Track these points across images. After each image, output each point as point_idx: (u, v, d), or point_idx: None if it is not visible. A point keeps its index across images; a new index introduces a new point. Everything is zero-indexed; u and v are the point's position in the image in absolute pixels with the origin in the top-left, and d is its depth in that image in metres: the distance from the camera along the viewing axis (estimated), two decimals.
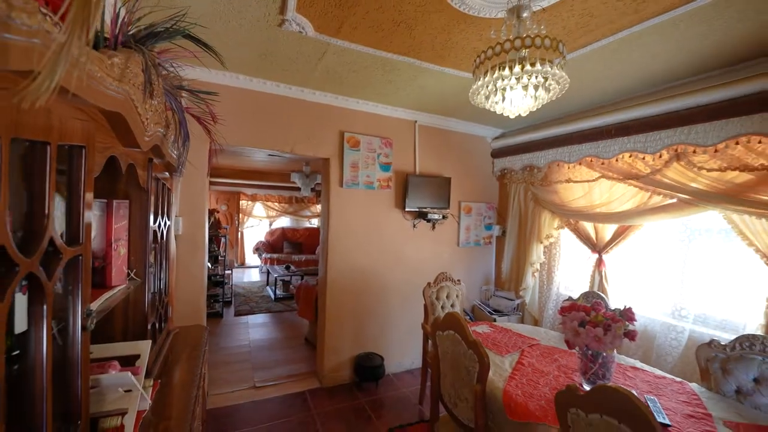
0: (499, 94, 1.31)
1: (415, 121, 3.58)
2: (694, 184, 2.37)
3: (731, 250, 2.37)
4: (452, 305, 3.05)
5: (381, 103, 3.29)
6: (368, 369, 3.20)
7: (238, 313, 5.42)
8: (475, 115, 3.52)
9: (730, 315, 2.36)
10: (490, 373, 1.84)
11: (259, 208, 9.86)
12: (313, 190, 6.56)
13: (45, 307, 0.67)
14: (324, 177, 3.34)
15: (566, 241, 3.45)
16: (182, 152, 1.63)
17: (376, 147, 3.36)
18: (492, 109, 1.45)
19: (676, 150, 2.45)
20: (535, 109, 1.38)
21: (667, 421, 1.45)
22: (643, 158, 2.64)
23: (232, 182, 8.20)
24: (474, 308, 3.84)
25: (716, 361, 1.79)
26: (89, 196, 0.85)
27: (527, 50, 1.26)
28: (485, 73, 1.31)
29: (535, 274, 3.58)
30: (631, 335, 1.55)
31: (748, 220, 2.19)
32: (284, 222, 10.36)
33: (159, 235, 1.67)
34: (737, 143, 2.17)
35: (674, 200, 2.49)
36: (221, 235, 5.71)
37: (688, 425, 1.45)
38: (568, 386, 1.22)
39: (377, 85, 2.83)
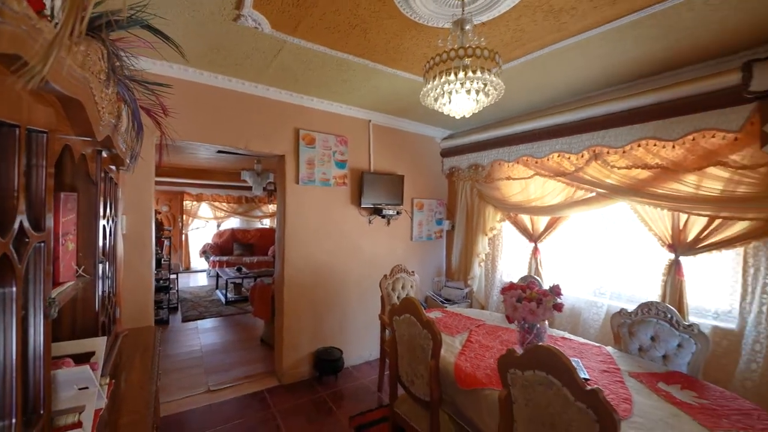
0: (446, 96, 1.48)
1: (370, 121, 3.71)
2: (608, 180, 2.78)
3: (636, 236, 2.81)
4: (407, 296, 3.22)
5: (336, 101, 3.37)
6: (328, 363, 3.26)
7: (186, 319, 5.13)
8: (426, 116, 3.74)
9: (637, 290, 2.80)
10: (443, 351, 2.02)
11: (205, 209, 9.34)
12: (265, 189, 6.39)
13: (15, 290, 0.68)
14: (279, 174, 3.33)
15: (507, 233, 3.80)
16: (135, 145, 1.58)
17: (332, 145, 3.42)
18: (440, 110, 1.61)
19: (594, 151, 2.85)
20: (476, 111, 1.57)
21: (587, 376, 1.72)
22: (569, 158, 3.02)
23: (174, 181, 7.68)
24: (427, 298, 4.07)
25: (624, 326, 2.15)
26: (51, 182, 0.84)
27: (470, 59, 1.44)
28: (434, 78, 1.47)
29: (481, 263, 3.89)
30: (558, 307, 1.82)
31: (648, 209, 2.62)
32: (233, 223, 9.92)
33: (107, 231, 1.60)
34: (639, 146, 2.60)
35: (594, 194, 2.89)
36: (164, 237, 5.36)
37: (602, 378, 1.74)
38: (508, 350, 1.42)
39: (333, 84, 2.90)
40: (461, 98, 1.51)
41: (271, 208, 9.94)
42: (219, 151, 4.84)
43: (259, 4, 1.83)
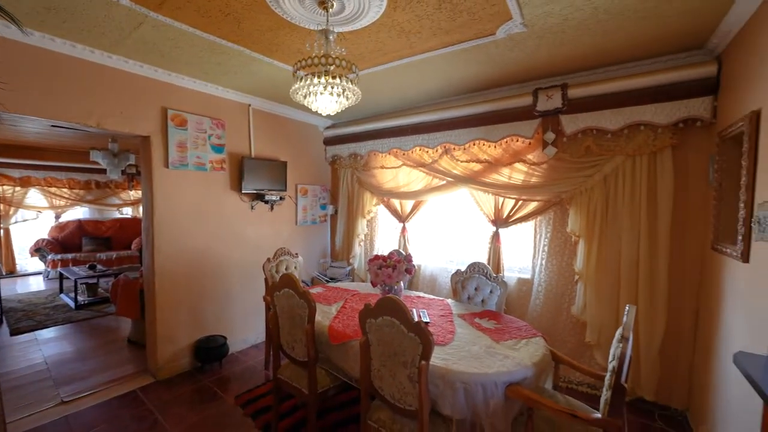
0: (312, 95, 1.72)
1: (249, 105, 3.67)
2: (455, 171, 3.49)
3: (473, 214, 3.61)
4: (285, 272, 3.42)
5: (212, 82, 3.24)
6: (210, 350, 3.23)
7: (16, 332, 4.19)
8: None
9: (473, 256, 3.62)
10: (320, 317, 2.33)
11: (36, 197, 7.46)
12: (124, 172, 5.53)
13: None
14: (144, 157, 3.05)
15: (382, 215, 4.34)
16: None
17: (207, 127, 3.30)
18: (309, 107, 1.85)
19: (445, 147, 3.52)
20: (339, 110, 1.86)
21: (428, 320, 2.27)
22: (428, 151, 3.65)
23: None
24: (313, 279, 4.33)
25: (459, 282, 2.84)
26: None
27: (332, 66, 1.71)
28: (301, 79, 1.69)
29: (361, 243, 4.35)
30: (409, 270, 2.32)
31: (480, 194, 3.41)
32: (81, 213, 8.22)
33: None
34: (474, 144, 3.34)
35: (445, 182, 3.58)
36: None
37: (439, 320, 2.32)
38: (365, 305, 1.79)
39: (206, 65, 2.81)
40: (326, 98, 1.78)
41: (132, 194, 8.57)
42: (54, 125, 4.02)
43: None
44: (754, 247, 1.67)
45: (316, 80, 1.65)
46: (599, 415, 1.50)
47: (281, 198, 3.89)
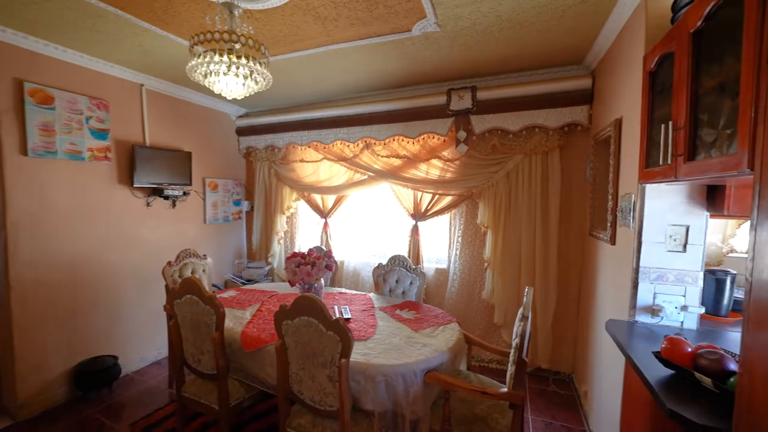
0: (214, 75, 1.53)
1: (142, 85, 3.17)
2: (376, 166, 3.50)
3: (394, 209, 3.68)
4: (186, 277, 3.06)
5: (89, 54, 2.70)
6: (96, 374, 2.71)
7: None
8: None
9: (395, 249, 3.70)
10: (231, 323, 2.12)
11: None
12: None
13: None
14: None
15: (303, 211, 4.16)
16: None
17: (84, 108, 2.74)
18: (211, 88, 1.64)
19: (366, 141, 3.51)
20: (247, 94, 1.69)
21: (349, 316, 2.24)
22: (349, 146, 3.60)
23: None
24: (227, 282, 3.96)
25: (380, 276, 2.87)
26: None
27: (238, 45, 1.54)
28: (200, 55, 1.49)
29: (281, 241, 4.11)
30: (329, 267, 2.24)
31: (400, 189, 3.49)
32: None
33: None
34: (394, 140, 3.39)
35: (366, 177, 3.58)
36: None
37: (361, 315, 2.30)
38: (280, 306, 1.67)
39: (79, 31, 2.32)
40: (231, 80, 1.59)
41: None
42: None
43: None
44: (619, 231, 2.01)
45: (217, 58, 1.46)
46: (506, 389, 1.64)
47: (185, 193, 3.45)
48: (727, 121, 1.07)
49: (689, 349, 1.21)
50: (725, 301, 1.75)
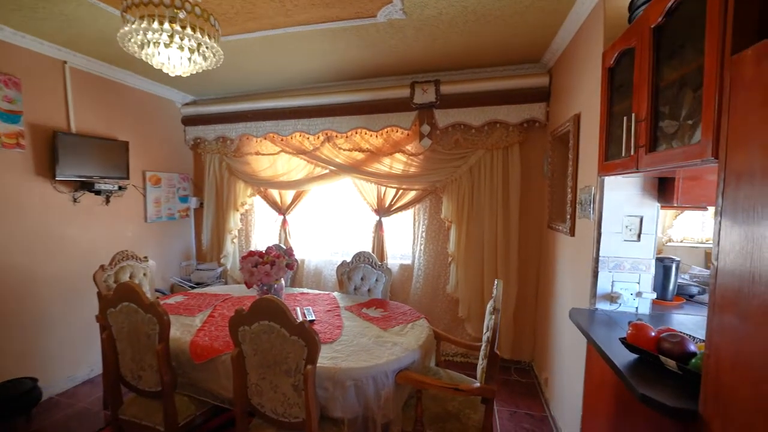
0: (152, 46, 1.31)
1: (65, 62, 2.74)
2: (337, 159, 3.36)
3: (356, 204, 3.57)
4: (122, 282, 2.72)
5: None
6: (6, 404, 2.29)
7: None
8: (161, 72, 3.15)
9: (358, 246, 3.58)
10: (178, 333, 1.89)
11: None
12: None
13: None
14: None
15: (259, 207, 3.90)
16: None
17: None
18: (148, 61, 1.42)
19: (327, 134, 3.35)
20: (195, 72, 1.49)
21: (313, 317, 2.10)
22: (308, 138, 3.42)
23: None
24: (173, 286, 3.60)
25: (345, 274, 2.75)
26: None
27: (182, 12, 1.33)
28: (134, 22, 1.26)
29: (234, 240, 3.82)
30: (290, 266, 2.08)
31: (363, 183, 3.39)
32: None
33: None
34: (357, 133, 3.28)
35: (328, 171, 3.42)
36: None
37: (326, 316, 2.17)
38: (236, 310, 1.50)
39: None
40: (175, 54, 1.38)
41: None
42: None
43: None
44: (578, 223, 2.08)
45: (156, 25, 1.25)
46: (477, 384, 1.62)
47: (121, 188, 3.05)
48: (689, 112, 1.10)
49: (653, 334, 1.25)
50: (671, 286, 1.87)
